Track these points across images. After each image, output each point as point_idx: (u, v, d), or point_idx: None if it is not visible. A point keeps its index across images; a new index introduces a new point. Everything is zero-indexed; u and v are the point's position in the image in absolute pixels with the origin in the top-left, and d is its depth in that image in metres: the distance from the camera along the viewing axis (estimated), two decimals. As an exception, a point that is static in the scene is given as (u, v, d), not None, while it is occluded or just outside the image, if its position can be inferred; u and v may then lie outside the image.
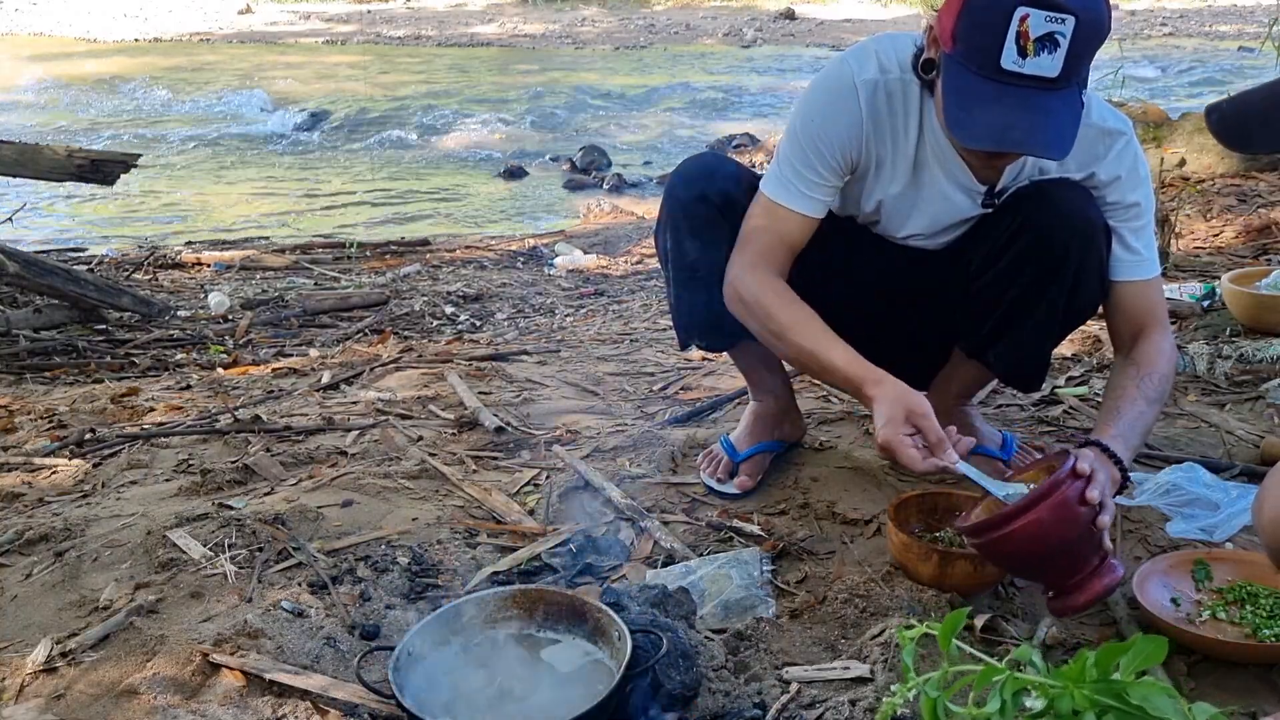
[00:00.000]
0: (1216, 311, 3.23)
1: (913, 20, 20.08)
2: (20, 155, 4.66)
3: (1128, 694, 0.96)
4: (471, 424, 2.69)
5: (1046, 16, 1.56)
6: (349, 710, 1.55)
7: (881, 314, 2.13)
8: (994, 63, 1.60)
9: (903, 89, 1.85)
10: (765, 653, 1.68)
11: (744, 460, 2.23)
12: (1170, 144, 5.86)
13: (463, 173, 10.24)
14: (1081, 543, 1.60)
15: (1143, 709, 0.95)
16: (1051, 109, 1.62)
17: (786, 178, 1.90)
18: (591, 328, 4.35)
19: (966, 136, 1.68)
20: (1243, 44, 15.13)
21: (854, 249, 2.07)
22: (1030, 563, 1.64)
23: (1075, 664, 1.00)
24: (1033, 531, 1.56)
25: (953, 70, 1.67)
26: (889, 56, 1.86)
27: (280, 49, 20.16)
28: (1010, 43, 1.58)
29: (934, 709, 1.04)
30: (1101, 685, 0.97)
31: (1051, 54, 1.58)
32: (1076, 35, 1.57)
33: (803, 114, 1.91)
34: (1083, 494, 1.57)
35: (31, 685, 1.62)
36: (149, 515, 2.14)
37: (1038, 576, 1.70)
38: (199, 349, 4.33)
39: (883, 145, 1.90)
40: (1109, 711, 0.97)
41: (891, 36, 1.90)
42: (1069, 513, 1.57)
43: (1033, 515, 1.56)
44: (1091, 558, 1.61)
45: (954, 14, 1.64)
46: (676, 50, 19.33)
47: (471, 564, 1.97)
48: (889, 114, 1.87)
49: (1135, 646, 0.99)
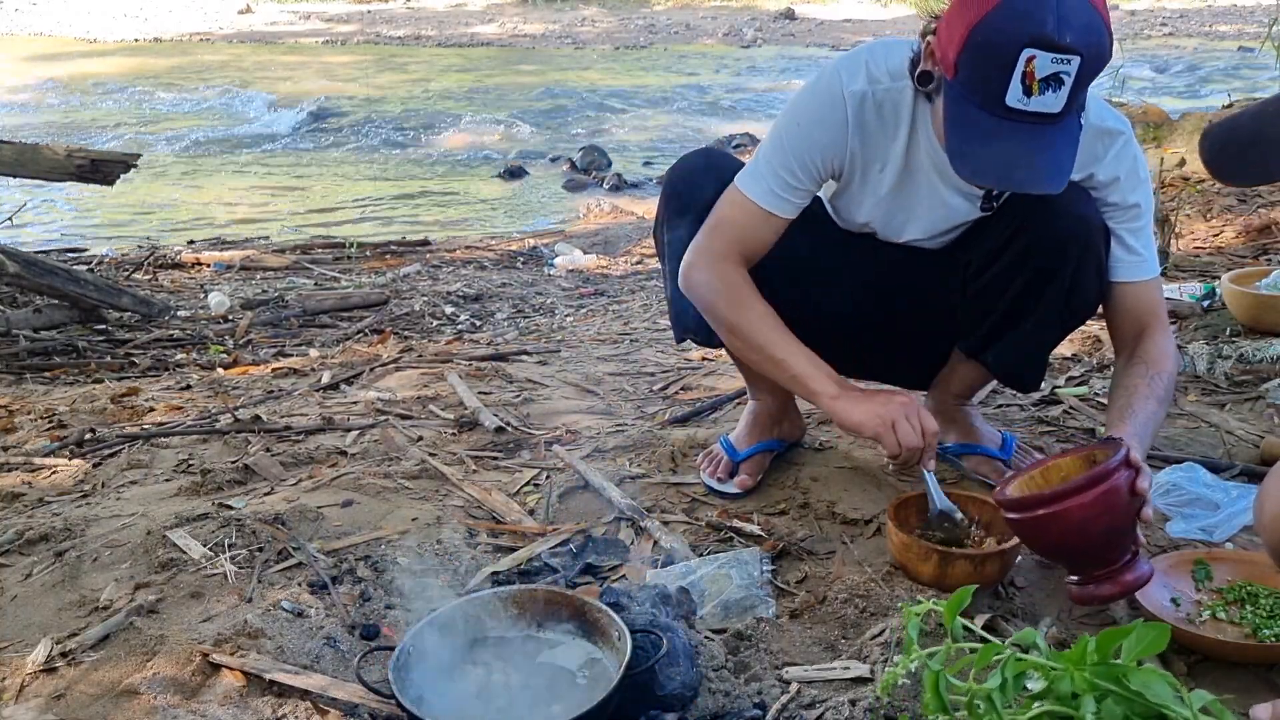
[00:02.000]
0: (1216, 311, 3.23)
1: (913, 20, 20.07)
2: (20, 155, 4.65)
3: (1127, 679, 0.97)
4: (471, 424, 2.69)
5: (1053, 58, 1.53)
6: (349, 710, 1.55)
7: (881, 315, 2.13)
8: (998, 100, 1.58)
9: (892, 97, 1.85)
10: (765, 653, 1.68)
11: (744, 460, 2.23)
12: (1170, 144, 5.87)
13: (463, 173, 10.24)
14: (1123, 532, 1.59)
15: (1141, 694, 0.96)
16: (1052, 143, 1.62)
17: (763, 175, 1.90)
18: (591, 328, 4.35)
19: (969, 172, 1.66)
20: (1243, 44, 15.14)
21: (852, 250, 2.07)
22: (1066, 546, 1.63)
23: (1076, 648, 1.00)
24: (1081, 515, 1.55)
25: (954, 99, 1.64)
26: (879, 65, 1.85)
27: (280, 49, 20.17)
28: (1015, 82, 1.55)
29: (936, 683, 1.04)
30: (1101, 669, 0.98)
31: (1056, 92, 1.56)
32: (1081, 72, 1.56)
33: (788, 118, 1.92)
34: (1133, 483, 1.57)
35: (31, 685, 1.62)
36: (149, 515, 2.14)
37: (1069, 561, 1.67)
38: (199, 349, 4.33)
39: (869, 155, 1.90)
40: (1108, 695, 0.97)
41: (884, 43, 1.89)
42: (1118, 500, 1.56)
43: (1084, 498, 1.55)
44: (1126, 550, 1.61)
45: (958, 45, 1.61)
46: (676, 50, 19.34)
47: (471, 564, 1.97)
48: (878, 124, 1.87)
49: (1136, 633, 0.99)
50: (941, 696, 1.04)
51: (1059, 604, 1.78)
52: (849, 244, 2.07)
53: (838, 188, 1.98)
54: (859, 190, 1.96)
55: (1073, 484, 1.57)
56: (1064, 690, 0.98)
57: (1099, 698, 0.96)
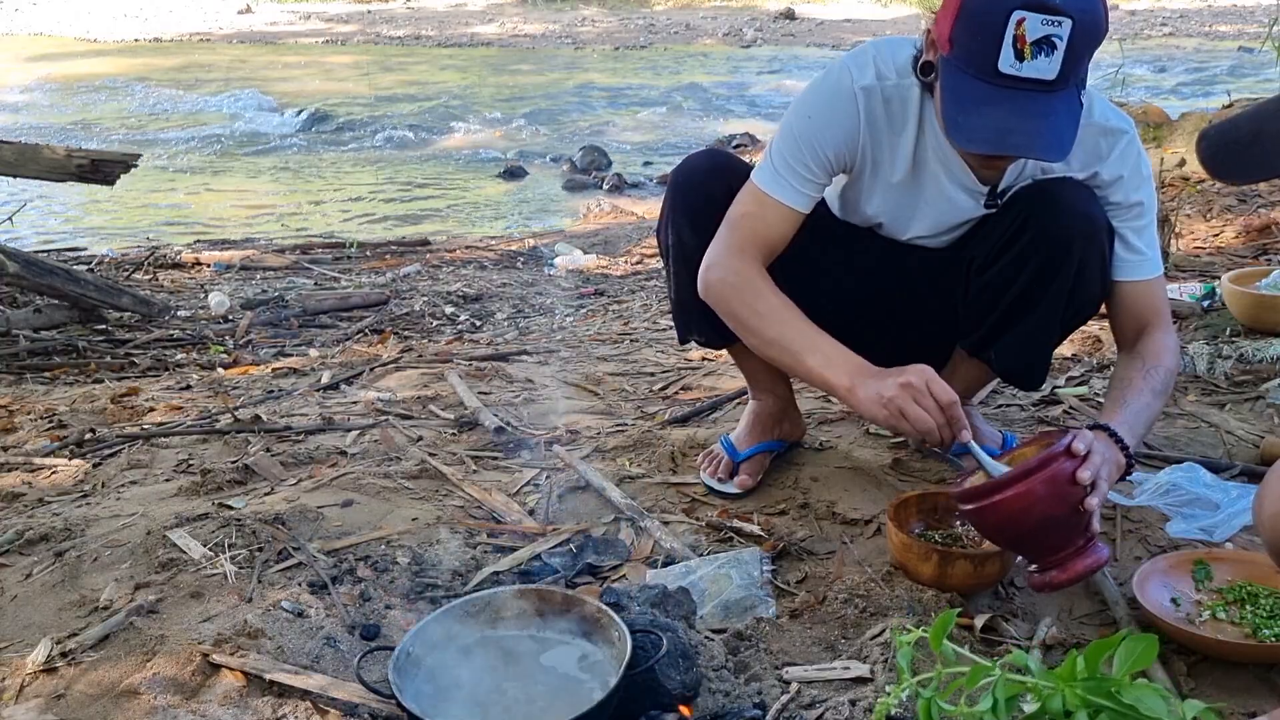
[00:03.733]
0: (1216, 311, 3.23)
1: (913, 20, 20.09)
2: (20, 155, 4.65)
3: (1119, 693, 0.97)
4: (471, 424, 2.69)
5: (1043, 20, 1.56)
6: (349, 710, 1.55)
7: (883, 314, 2.13)
8: (991, 66, 1.60)
9: (900, 94, 1.87)
10: (765, 653, 1.68)
11: (744, 460, 2.23)
12: (1170, 144, 5.87)
13: (463, 173, 10.24)
14: (1067, 521, 1.61)
15: (1134, 708, 0.96)
16: (1050, 111, 1.63)
17: (778, 170, 1.91)
18: (591, 328, 4.35)
19: (964, 139, 1.68)
20: (1243, 44, 15.14)
21: (855, 248, 2.08)
22: (1015, 534, 1.65)
23: (1066, 664, 1.00)
24: (1021, 504, 1.58)
25: (950, 73, 1.67)
26: (886, 62, 1.87)
27: (280, 49, 20.17)
28: (1007, 46, 1.58)
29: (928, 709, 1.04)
30: (1093, 684, 0.98)
31: (1049, 56, 1.58)
32: (1074, 37, 1.57)
33: (800, 113, 1.93)
34: (1074, 473, 1.58)
35: (31, 685, 1.62)
36: (149, 515, 2.14)
37: (1021, 548, 1.71)
38: (199, 349, 4.33)
39: (879, 150, 1.91)
40: (1102, 711, 0.97)
41: (890, 41, 1.91)
42: (1058, 489, 1.58)
43: (1022, 487, 1.57)
44: (1077, 538, 1.62)
45: (950, 17, 1.65)
46: (676, 50, 19.34)
47: (471, 564, 1.97)
48: (886, 119, 1.88)
49: (1125, 646, 0.99)
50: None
51: (1059, 604, 1.78)
52: (851, 244, 2.08)
53: (848, 180, 1.99)
54: (870, 184, 1.97)
55: (1010, 475, 1.60)
56: (1056, 708, 0.98)
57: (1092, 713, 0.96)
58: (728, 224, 1.95)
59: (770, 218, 1.93)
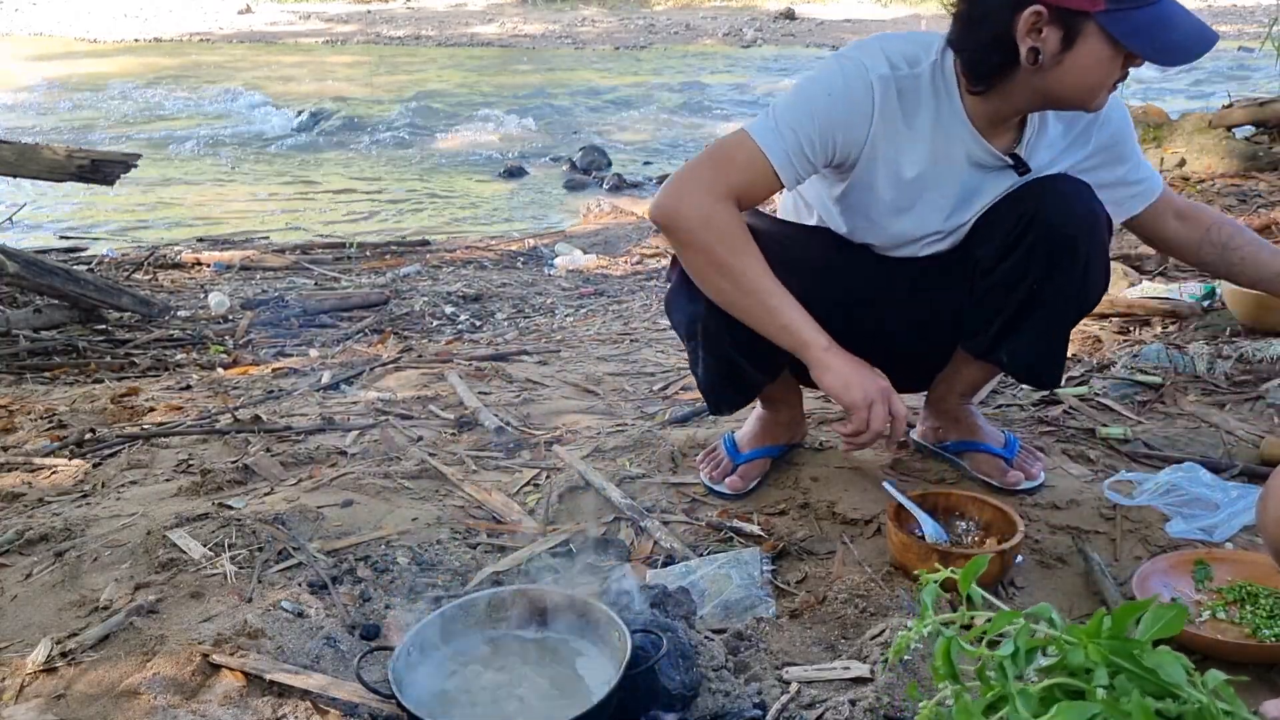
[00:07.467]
0: (1216, 311, 3.23)
1: (912, 21, 20.09)
2: (20, 155, 4.65)
3: (1141, 656, 0.96)
4: (471, 424, 2.69)
5: None
6: (349, 710, 1.55)
7: (884, 317, 2.11)
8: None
9: (912, 85, 1.86)
10: (765, 653, 1.68)
11: (745, 462, 2.22)
12: (1170, 144, 5.87)
13: (463, 173, 10.24)
14: None
15: (1154, 672, 0.95)
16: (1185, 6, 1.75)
17: (783, 134, 1.83)
18: (591, 328, 4.35)
19: (1183, 55, 1.72)
20: (1243, 44, 15.12)
21: (856, 252, 2.07)
22: None
23: (1092, 622, 0.99)
24: None
25: (1118, 19, 1.69)
26: (895, 54, 1.86)
27: (280, 49, 20.17)
28: None
29: (947, 649, 1.03)
30: (1116, 644, 0.97)
31: None
32: None
33: (818, 86, 1.86)
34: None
35: (31, 685, 1.62)
36: (149, 515, 2.14)
37: None
38: (199, 349, 4.33)
39: (889, 142, 1.88)
40: (1121, 671, 0.96)
41: (888, 35, 1.91)
42: None
43: None
44: None
45: None
46: (677, 50, 19.34)
47: (471, 564, 1.97)
48: (900, 110, 1.86)
49: (1152, 612, 0.99)
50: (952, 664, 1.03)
51: (1058, 605, 1.78)
52: (851, 246, 2.06)
53: (848, 183, 1.94)
54: (879, 178, 1.91)
55: None
56: (1076, 663, 0.97)
57: (1112, 672, 0.95)
58: (711, 160, 1.86)
59: (757, 178, 1.84)
